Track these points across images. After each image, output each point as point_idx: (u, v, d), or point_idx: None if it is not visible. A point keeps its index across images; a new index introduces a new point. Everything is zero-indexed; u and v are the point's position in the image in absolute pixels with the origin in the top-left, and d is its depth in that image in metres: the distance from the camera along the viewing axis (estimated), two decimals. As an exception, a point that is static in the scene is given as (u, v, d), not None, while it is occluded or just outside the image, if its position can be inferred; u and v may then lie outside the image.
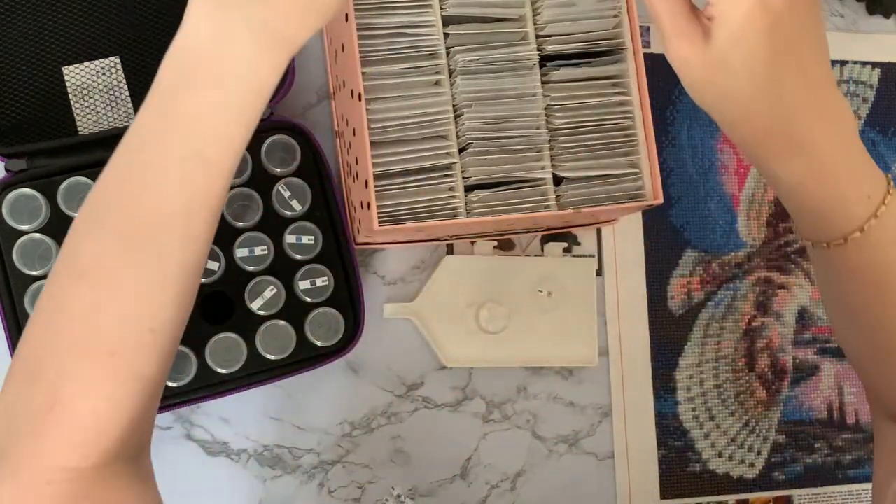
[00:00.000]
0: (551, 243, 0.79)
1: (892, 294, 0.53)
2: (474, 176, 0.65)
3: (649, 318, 0.81)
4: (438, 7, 0.65)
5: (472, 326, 0.76)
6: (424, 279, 0.76)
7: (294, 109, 0.74)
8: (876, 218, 0.51)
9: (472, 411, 0.77)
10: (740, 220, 0.84)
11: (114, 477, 0.45)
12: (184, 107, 0.45)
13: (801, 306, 0.85)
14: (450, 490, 0.76)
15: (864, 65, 0.88)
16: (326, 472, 0.73)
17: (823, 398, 0.85)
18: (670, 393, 0.81)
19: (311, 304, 0.68)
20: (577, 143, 0.66)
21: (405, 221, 0.62)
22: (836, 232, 0.52)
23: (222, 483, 0.71)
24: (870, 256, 0.52)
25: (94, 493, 0.44)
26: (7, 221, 0.64)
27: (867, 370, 0.59)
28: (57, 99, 0.68)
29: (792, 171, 0.51)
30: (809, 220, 0.54)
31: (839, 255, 0.53)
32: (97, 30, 0.68)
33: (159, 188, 0.45)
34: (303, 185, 0.69)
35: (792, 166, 0.51)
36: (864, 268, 0.53)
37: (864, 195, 0.51)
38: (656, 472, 0.80)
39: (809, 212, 0.53)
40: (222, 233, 0.67)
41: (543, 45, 0.66)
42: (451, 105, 0.65)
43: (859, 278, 0.54)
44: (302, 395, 0.73)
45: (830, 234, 0.53)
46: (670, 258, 0.82)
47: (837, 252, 0.53)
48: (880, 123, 0.88)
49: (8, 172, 0.66)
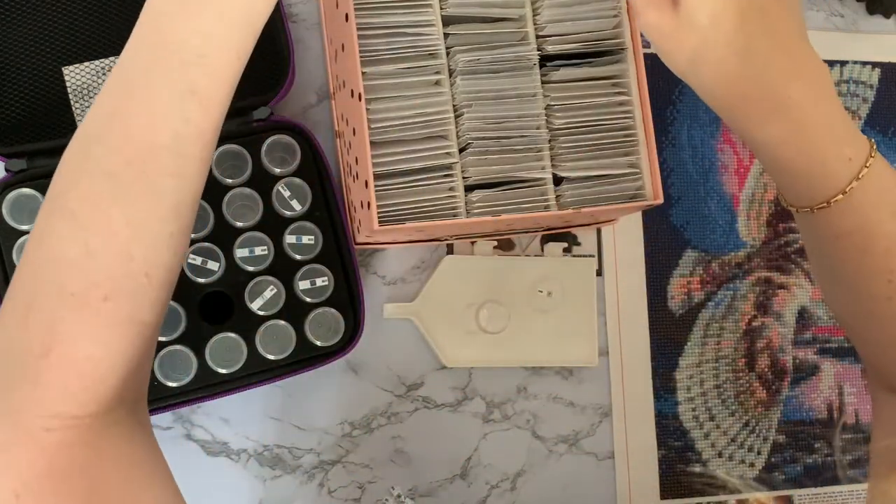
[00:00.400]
0: (551, 243, 0.79)
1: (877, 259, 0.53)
2: (474, 176, 0.65)
3: (649, 318, 0.81)
4: (438, 7, 0.65)
5: (472, 326, 0.76)
6: (424, 279, 0.76)
7: (294, 109, 0.74)
8: (858, 180, 0.51)
9: (472, 411, 0.77)
10: (740, 220, 0.84)
11: (112, 425, 0.44)
12: (173, 36, 0.44)
13: (801, 306, 0.85)
14: (450, 490, 0.76)
15: (864, 65, 0.88)
16: (326, 472, 0.73)
17: (823, 398, 0.85)
18: (670, 393, 0.81)
19: (311, 304, 0.68)
20: (577, 143, 0.66)
21: (405, 221, 0.62)
22: (818, 195, 0.52)
23: (222, 483, 0.71)
24: (853, 220, 0.52)
25: (92, 441, 0.43)
26: (7, 221, 0.64)
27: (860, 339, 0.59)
28: (57, 99, 0.68)
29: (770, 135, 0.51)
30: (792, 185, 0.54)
31: (823, 220, 0.53)
32: (97, 30, 0.68)
33: (149, 121, 0.43)
34: (303, 185, 0.69)
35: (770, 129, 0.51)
36: (849, 233, 0.53)
37: (845, 157, 0.51)
38: (656, 472, 0.80)
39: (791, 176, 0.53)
40: (222, 233, 0.67)
41: (543, 45, 0.66)
42: (451, 105, 0.65)
43: (844, 244, 0.53)
44: (302, 395, 0.73)
45: (813, 198, 0.53)
46: (670, 258, 0.82)
47: (822, 217, 0.53)
48: (880, 123, 0.88)
49: (8, 172, 0.66)
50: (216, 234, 0.67)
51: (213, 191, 0.67)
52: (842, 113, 0.52)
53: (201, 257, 0.66)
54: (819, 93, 0.51)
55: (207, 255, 0.66)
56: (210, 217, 0.67)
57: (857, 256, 0.53)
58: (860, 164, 0.51)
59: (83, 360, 0.42)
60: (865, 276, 0.54)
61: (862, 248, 0.53)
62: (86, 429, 0.43)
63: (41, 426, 0.42)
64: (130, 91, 0.44)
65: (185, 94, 0.44)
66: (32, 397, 0.42)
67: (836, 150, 0.51)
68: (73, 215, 0.43)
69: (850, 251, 0.53)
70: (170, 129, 0.44)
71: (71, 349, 0.42)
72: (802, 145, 0.51)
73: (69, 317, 0.42)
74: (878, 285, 0.53)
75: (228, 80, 0.45)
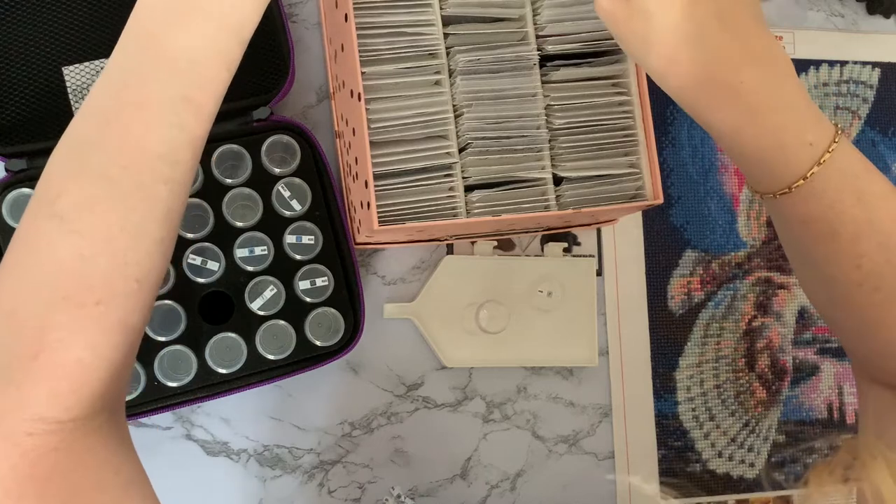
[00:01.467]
0: (551, 243, 0.79)
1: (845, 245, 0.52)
2: (474, 176, 0.65)
3: (649, 318, 0.81)
4: (438, 7, 0.65)
5: (472, 326, 0.76)
6: (424, 279, 0.76)
7: (294, 109, 0.74)
8: (819, 165, 0.51)
9: (472, 411, 0.77)
10: (740, 220, 0.84)
11: (93, 432, 0.44)
12: (165, 43, 0.44)
13: (801, 306, 0.85)
14: (450, 490, 0.76)
15: (864, 65, 0.88)
16: (326, 472, 0.73)
17: (823, 398, 0.85)
18: (670, 393, 0.81)
19: (310, 304, 0.68)
20: (577, 143, 0.66)
21: (405, 221, 0.62)
22: (778, 181, 0.52)
23: (222, 483, 0.71)
24: (817, 206, 0.52)
25: (74, 447, 0.43)
26: (7, 221, 0.64)
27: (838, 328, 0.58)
28: (57, 99, 0.68)
29: (725, 121, 0.51)
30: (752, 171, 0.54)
31: (788, 205, 0.53)
32: (97, 30, 0.68)
33: (146, 129, 0.44)
34: (303, 185, 0.69)
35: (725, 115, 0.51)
36: (814, 219, 0.52)
37: (804, 142, 0.51)
38: (656, 472, 0.80)
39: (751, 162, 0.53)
40: (222, 233, 0.67)
41: (543, 45, 0.66)
42: (451, 105, 0.65)
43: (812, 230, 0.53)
44: (302, 395, 0.73)
45: (774, 184, 0.52)
46: (670, 258, 0.82)
47: (786, 202, 0.53)
48: (880, 123, 0.88)
49: (8, 172, 0.66)
50: (216, 234, 0.67)
51: (213, 191, 0.67)
52: (803, 98, 0.51)
53: (201, 257, 0.66)
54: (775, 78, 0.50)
55: (207, 255, 0.66)
56: (210, 217, 0.67)
57: (825, 242, 0.53)
58: (822, 148, 0.51)
59: (73, 363, 0.42)
60: (834, 263, 0.53)
61: (829, 233, 0.52)
62: (68, 434, 0.43)
63: (24, 430, 0.41)
64: (124, 96, 0.44)
65: (178, 101, 0.44)
66: (18, 400, 0.41)
67: (796, 134, 0.51)
68: (65, 219, 0.43)
69: (817, 237, 0.53)
70: (165, 136, 0.44)
71: (61, 352, 0.42)
72: (757, 131, 0.51)
73: (60, 320, 0.42)
74: (848, 271, 0.53)
75: (218, 87, 0.46)
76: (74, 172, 0.44)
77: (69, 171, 0.44)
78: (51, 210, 0.43)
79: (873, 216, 0.52)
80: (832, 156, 0.51)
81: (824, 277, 0.55)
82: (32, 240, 0.44)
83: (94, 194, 0.43)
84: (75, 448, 0.43)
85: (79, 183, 0.43)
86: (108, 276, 0.43)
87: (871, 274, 0.52)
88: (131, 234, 0.44)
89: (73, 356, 0.42)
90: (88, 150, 0.44)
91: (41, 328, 0.42)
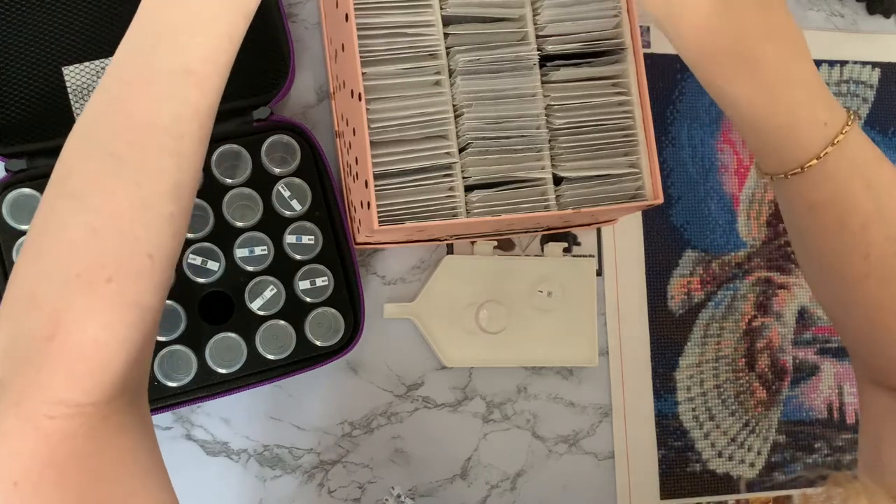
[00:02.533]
0: (551, 243, 0.79)
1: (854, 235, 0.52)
2: (474, 176, 0.65)
3: (649, 318, 0.81)
4: (438, 7, 0.65)
5: (472, 326, 0.76)
6: (424, 279, 0.76)
7: (294, 109, 0.74)
8: (833, 146, 0.51)
9: (472, 411, 0.77)
10: (740, 220, 0.84)
11: (113, 416, 0.44)
12: (169, 18, 0.45)
13: (801, 306, 0.85)
14: (450, 490, 0.76)
15: (864, 65, 0.88)
16: (326, 472, 0.73)
17: (823, 398, 0.85)
18: (670, 393, 0.81)
19: (310, 304, 0.68)
20: (577, 143, 0.66)
21: (405, 221, 0.62)
22: (790, 159, 0.52)
23: (222, 483, 0.71)
24: (827, 190, 0.52)
25: (93, 432, 0.43)
26: (7, 221, 0.64)
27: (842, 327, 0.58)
28: (57, 99, 0.68)
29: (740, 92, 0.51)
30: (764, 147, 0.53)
31: (797, 188, 0.53)
32: (97, 30, 0.68)
33: (147, 101, 0.44)
34: (303, 185, 0.69)
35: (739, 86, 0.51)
36: (823, 203, 0.52)
37: (818, 121, 0.51)
38: (656, 472, 0.80)
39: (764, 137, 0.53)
40: (222, 233, 0.67)
41: (543, 45, 0.66)
42: (451, 105, 0.65)
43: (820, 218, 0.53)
44: (302, 395, 0.73)
45: (785, 162, 0.52)
46: (670, 258, 0.82)
47: (795, 184, 0.52)
48: (880, 123, 0.88)
49: (8, 172, 0.66)
50: (216, 234, 0.67)
51: (213, 191, 0.67)
52: (817, 79, 0.51)
53: (201, 257, 0.66)
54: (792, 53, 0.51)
55: (207, 255, 0.66)
56: (210, 217, 0.67)
57: (833, 231, 0.53)
58: (836, 129, 0.51)
59: (88, 343, 0.42)
60: (842, 253, 0.53)
61: (837, 221, 0.52)
62: (88, 418, 0.43)
63: (44, 413, 0.41)
64: (128, 74, 0.45)
65: (180, 74, 0.45)
66: (37, 382, 0.42)
67: (810, 112, 0.51)
68: (77, 197, 0.44)
69: (825, 226, 0.53)
70: (168, 109, 0.45)
71: (76, 332, 0.42)
72: (772, 104, 0.51)
73: (74, 299, 0.42)
74: (855, 262, 0.53)
75: (221, 58, 0.46)
76: (83, 151, 0.45)
77: (79, 151, 0.45)
78: (62, 189, 0.44)
79: (882, 205, 0.52)
80: (845, 138, 0.51)
81: (831, 270, 0.54)
82: (47, 221, 0.44)
83: (101, 171, 0.44)
84: (95, 433, 0.43)
85: (87, 161, 0.44)
86: (119, 252, 0.43)
87: (878, 265, 0.52)
88: (139, 209, 0.44)
89: (88, 336, 0.42)
90: (96, 128, 0.45)
91: (57, 309, 0.42)
